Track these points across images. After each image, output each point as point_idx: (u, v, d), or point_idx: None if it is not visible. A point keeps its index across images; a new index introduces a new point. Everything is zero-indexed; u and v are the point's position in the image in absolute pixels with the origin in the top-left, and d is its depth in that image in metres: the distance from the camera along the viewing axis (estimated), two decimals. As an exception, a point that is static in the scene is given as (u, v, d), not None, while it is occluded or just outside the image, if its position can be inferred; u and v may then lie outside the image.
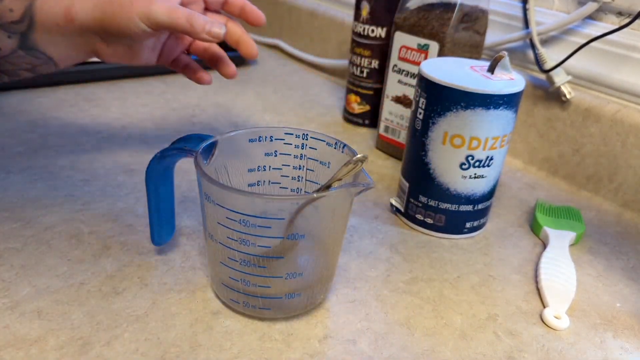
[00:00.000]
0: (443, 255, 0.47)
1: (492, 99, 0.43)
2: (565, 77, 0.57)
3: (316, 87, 0.84)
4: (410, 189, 0.49)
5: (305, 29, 0.93)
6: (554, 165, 0.61)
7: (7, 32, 0.40)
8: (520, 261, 0.47)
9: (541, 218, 0.51)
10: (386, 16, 0.64)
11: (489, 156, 0.46)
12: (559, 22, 0.58)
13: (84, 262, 0.42)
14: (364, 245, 0.47)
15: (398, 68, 0.59)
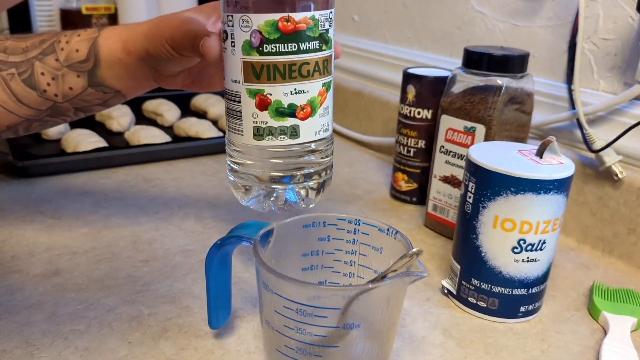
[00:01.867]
0: (498, 340, 0.46)
1: (542, 184, 0.44)
2: (615, 157, 0.57)
3: (363, 164, 0.86)
4: (462, 271, 0.49)
5: (352, 107, 0.96)
6: (609, 245, 0.60)
7: (76, 72, 0.45)
8: (580, 347, 0.46)
9: (599, 302, 0.50)
10: (431, 99, 0.66)
11: (542, 240, 0.46)
12: (607, 102, 0.59)
13: (143, 345, 0.43)
14: (416, 330, 0.47)
15: (445, 149, 0.61)
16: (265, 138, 0.44)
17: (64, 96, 0.45)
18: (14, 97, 0.45)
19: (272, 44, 0.42)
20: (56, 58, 0.44)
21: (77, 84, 0.45)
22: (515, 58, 0.56)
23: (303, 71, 0.43)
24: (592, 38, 0.61)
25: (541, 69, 0.67)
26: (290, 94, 0.43)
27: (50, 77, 0.44)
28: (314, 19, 0.42)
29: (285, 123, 0.44)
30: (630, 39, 0.58)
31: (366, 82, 0.95)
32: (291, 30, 0.42)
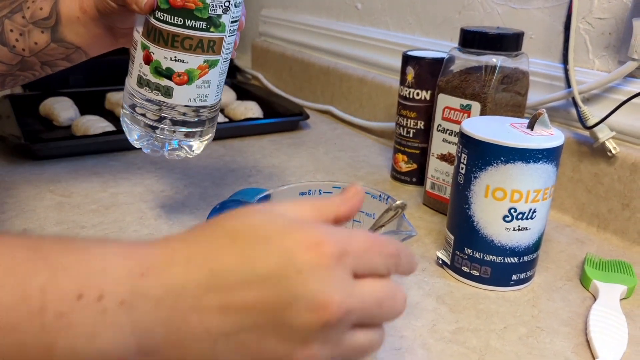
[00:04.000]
0: (490, 306, 0.47)
1: (531, 153, 0.45)
2: (609, 132, 0.59)
3: (365, 148, 0.87)
4: (456, 241, 0.51)
5: (355, 94, 0.98)
6: (604, 221, 0.61)
7: (40, 28, 0.50)
8: (570, 314, 0.47)
9: (590, 271, 0.51)
10: (430, 80, 0.67)
11: (532, 209, 0.47)
12: (600, 80, 0.60)
13: (147, 307, 0.45)
14: (410, 297, 0.48)
15: (442, 127, 0.62)
16: (144, 87, 0.50)
17: (30, 51, 0.51)
18: None
19: (161, 12, 0.47)
20: (23, 15, 0.50)
21: (41, 39, 0.51)
22: (509, 36, 0.58)
23: (185, 44, 0.48)
24: (587, 18, 0.62)
25: (538, 50, 0.69)
26: (170, 59, 0.48)
27: (18, 33, 0.50)
28: (204, 3, 0.46)
29: (161, 82, 0.49)
30: (624, 17, 0.59)
31: (369, 68, 0.96)
32: (179, 6, 0.46)
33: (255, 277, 0.25)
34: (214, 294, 0.24)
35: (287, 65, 1.17)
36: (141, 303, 0.24)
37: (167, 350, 0.25)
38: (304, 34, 1.13)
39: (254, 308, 0.25)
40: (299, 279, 0.25)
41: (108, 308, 0.24)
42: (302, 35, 1.14)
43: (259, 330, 0.25)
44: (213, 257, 0.25)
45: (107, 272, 0.24)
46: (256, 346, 0.25)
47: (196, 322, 0.24)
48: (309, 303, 0.25)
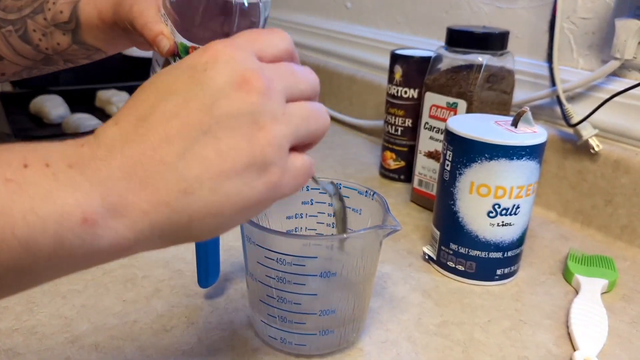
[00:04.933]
0: (474, 300, 0.48)
1: (514, 150, 0.46)
2: (592, 130, 0.60)
3: (355, 146, 0.88)
4: (441, 237, 0.52)
5: (345, 92, 0.98)
6: (588, 217, 0.62)
7: (62, 31, 0.51)
8: (552, 307, 0.48)
9: (573, 266, 0.52)
10: (417, 78, 0.68)
11: (516, 204, 0.48)
12: (584, 79, 0.61)
13: (137, 302, 0.46)
14: (397, 291, 0.49)
15: (429, 125, 0.63)
16: None
17: (53, 50, 0.53)
18: (13, 50, 0.52)
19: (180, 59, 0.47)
20: (44, 17, 0.51)
21: (63, 41, 0.52)
22: (495, 35, 0.59)
23: None
24: (572, 17, 0.64)
25: (524, 49, 0.70)
26: None
27: (41, 33, 0.51)
28: None
29: None
30: (606, 17, 0.60)
31: (359, 67, 0.97)
32: None
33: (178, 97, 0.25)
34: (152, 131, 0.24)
35: (277, 64, 1.17)
36: (90, 162, 0.24)
37: (136, 198, 0.24)
38: (295, 33, 1.14)
39: (192, 121, 0.25)
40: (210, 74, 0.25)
41: (58, 171, 0.23)
42: (292, 33, 1.14)
43: (208, 135, 0.25)
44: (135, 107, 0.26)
45: (49, 146, 0.24)
46: (215, 151, 0.25)
47: (150, 160, 0.24)
48: (231, 85, 0.25)
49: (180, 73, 0.26)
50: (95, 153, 0.24)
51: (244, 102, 0.25)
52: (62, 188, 0.23)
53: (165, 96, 0.25)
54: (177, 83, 0.26)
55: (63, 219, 0.22)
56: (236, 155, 0.25)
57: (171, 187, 0.24)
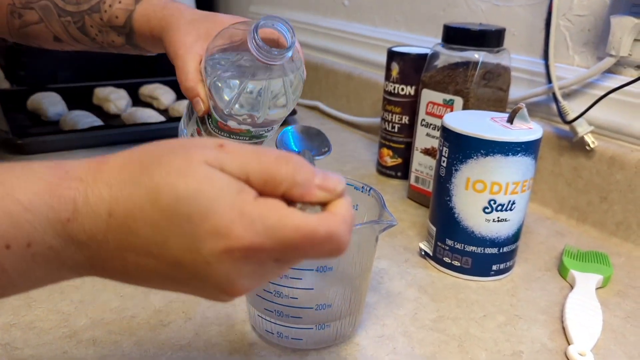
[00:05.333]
0: (470, 296, 0.49)
1: (510, 146, 0.46)
2: (587, 127, 0.60)
3: (352, 143, 0.88)
4: (438, 233, 0.52)
5: (342, 90, 0.99)
6: (583, 213, 0.63)
7: (117, 32, 0.55)
8: (547, 302, 0.48)
9: (568, 262, 0.52)
10: (414, 75, 0.68)
11: (511, 200, 0.48)
12: (580, 76, 0.62)
13: (134, 298, 0.46)
14: (393, 286, 0.49)
15: (426, 122, 0.63)
16: None
17: (108, 45, 0.56)
18: (72, 38, 0.56)
19: (211, 122, 0.51)
20: (101, 17, 0.54)
21: (117, 40, 0.56)
22: (491, 33, 0.59)
23: (232, 138, 0.51)
24: (567, 15, 0.64)
25: (520, 47, 0.70)
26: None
27: (97, 30, 0.55)
28: (249, 131, 0.50)
29: None
30: (602, 14, 0.61)
31: (356, 64, 0.97)
32: (227, 129, 0.50)
33: (167, 255, 0.26)
34: (130, 253, 0.26)
35: (275, 62, 1.17)
36: (67, 246, 0.26)
37: (95, 272, 0.28)
38: (292, 31, 1.14)
39: (166, 275, 0.27)
40: (207, 269, 0.26)
41: (37, 252, 0.26)
42: (290, 31, 1.15)
43: (174, 283, 0.27)
44: (132, 217, 0.26)
45: (34, 222, 0.26)
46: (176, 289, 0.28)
47: (117, 265, 0.27)
48: (216, 288, 0.27)
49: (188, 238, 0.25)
50: (76, 238, 0.26)
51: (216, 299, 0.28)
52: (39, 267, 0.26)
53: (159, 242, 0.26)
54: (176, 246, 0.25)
55: None
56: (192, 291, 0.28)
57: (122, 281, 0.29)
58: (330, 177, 0.27)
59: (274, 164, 0.26)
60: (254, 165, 0.26)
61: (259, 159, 0.26)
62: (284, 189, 0.26)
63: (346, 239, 0.26)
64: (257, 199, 0.26)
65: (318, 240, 0.25)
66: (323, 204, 0.27)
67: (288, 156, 0.27)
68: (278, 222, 0.25)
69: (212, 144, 0.27)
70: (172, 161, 0.26)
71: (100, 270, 0.28)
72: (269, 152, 0.27)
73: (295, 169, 0.26)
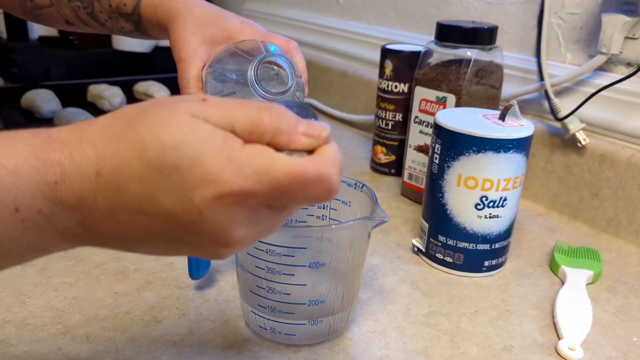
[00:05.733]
0: (462, 291, 0.49)
1: (501, 143, 0.47)
2: (579, 124, 0.60)
3: (346, 140, 0.89)
4: (430, 229, 0.52)
5: (336, 87, 0.99)
6: (575, 210, 0.63)
7: (125, 19, 0.54)
8: (538, 298, 0.49)
9: (559, 257, 0.53)
10: (408, 73, 0.69)
11: (503, 197, 0.49)
12: (572, 73, 0.62)
13: (128, 294, 0.46)
14: (386, 282, 0.50)
15: (419, 119, 0.64)
16: None
17: (118, 31, 0.56)
18: (82, 22, 0.56)
19: None
20: (109, 4, 0.54)
21: (126, 27, 0.55)
22: (483, 30, 0.59)
23: None
24: (559, 13, 0.64)
25: (513, 44, 0.70)
26: None
27: (107, 16, 0.55)
28: None
29: None
30: (593, 12, 0.61)
31: (350, 62, 0.98)
32: None
33: (159, 209, 0.25)
34: (122, 213, 0.26)
35: (269, 59, 1.17)
36: (57, 210, 0.26)
37: (89, 239, 0.27)
38: (286, 28, 1.14)
39: (160, 233, 0.26)
40: (200, 219, 0.25)
41: (26, 217, 0.25)
42: (284, 29, 1.15)
43: (169, 241, 0.27)
44: (120, 173, 0.25)
45: (21, 185, 0.25)
46: (173, 250, 0.28)
47: (110, 227, 0.26)
48: (211, 238, 0.26)
49: (178, 190, 0.25)
50: (65, 202, 0.26)
51: (216, 249, 0.27)
52: (29, 232, 0.26)
53: (149, 197, 0.25)
54: (167, 199, 0.25)
55: None
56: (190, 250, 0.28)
57: (116, 246, 0.28)
58: (315, 124, 0.27)
59: (257, 114, 0.26)
60: (238, 116, 0.26)
61: (243, 110, 0.26)
62: (269, 138, 0.26)
63: (336, 180, 0.26)
64: (244, 146, 0.26)
65: (308, 181, 0.25)
66: (310, 151, 0.27)
67: (271, 105, 0.27)
68: (267, 165, 0.25)
69: (195, 98, 0.27)
70: (156, 114, 0.26)
71: (94, 236, 0.27)
72: (252, 103, 0.27)
73: (279, 117, 0.26)
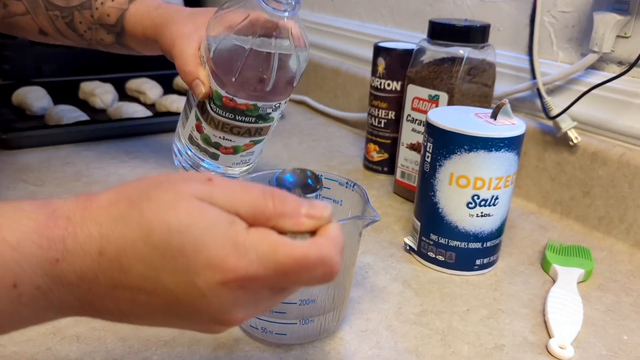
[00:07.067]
0: (454, 290, 0.49)
1: (493, 142, 0.47)
2: (571, 122, 0.61)
3: (339, 138, 0.88)
4: (422, 227, 0.52)
5: (330, 85, 0.99)
6: (567, 208, 0.63)
7: (106, 30, 0.54)
8: (530, 296, 0.49)
9: (551, 256, 0.53)
10: (400, 71, 0.69)
11: (494, 195, 0.49)
12: (564, 72, 0.62)
13: (119, 294, 0.46)
14: (377, 281, 0.50)
15: (412, 118, 0.64)
16: (194, 146, 0.55)
17: (97, 43, 0.56)
18: (59, 32, 0.56)
19: (214, 104, 0.50)
20: (91, 14, 0.54)
21: (107, 39, 0.55)
22: (476, 28, 0.59)
23: (234, 131, 0.52)
24: (552, 11, 0.64)
25: (505, 42, 0.70)
26: (219, 138, 0.52)
27: (87, 27, 0.55)
28: (256, 107, 0.50)
29: (209, 149, 0.54)
30: (586, 11, 0.61)
31: (343, 59, 0.98)
32: (231, 106, 0.49)
33: (162, 289, 0.26)
34: (123, 291, 0.26)
35: (263, 56, 1.17)
36: (56, 287, 0.26)
37: (84, 312, 0.27)
38: (280, 25, 1.13)
39: (160, 310, 0.27)
40: (203, 301, 0.26)
41: (24, 293, 0.25)
42: (277, 26, 1.14)
43: (167, 317, 0.27)
44: (124, 254, 0.26)
45: (21, 261, 0.25)
46: (170, 324, 0.28)
47: (109, 303, 0.27)
48: (211, 319, 0.27)
49: (182, 273, 0.25)
50: (65, 278, 0.26)
51: (211, 330, 0.28)
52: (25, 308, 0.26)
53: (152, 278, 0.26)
54: (171, 280, 0.25)
55: None
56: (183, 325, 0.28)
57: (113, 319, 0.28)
58: (316, 205, 0.28)
59: (262, 199, 0.27)
60: (243, 201, 0.27)
61: (247, 195, 0.27)
62: (273, 222, 0.27)
63: (337, 261, 0.27)
64: (249, 230, 0.26)
65: (310, 264, 0.26)
66: (312, 232, 0.27)
67: (273, 190, 0.28)
68: (270, 249, 0.25)
69: (200, 177, 0.27)
70: (161, 196, 0.26)
71: (91, 310, 0.27)
72: (256, 187, 0.27)
73: (282, 201, 0.27)
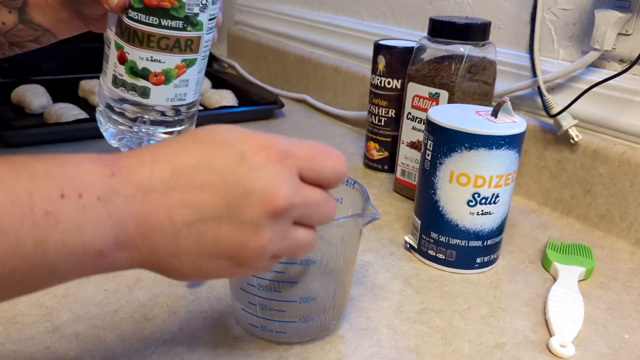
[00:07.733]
0: (454, 288, 0.49)
1: (494, 140, 0.47)
2: (571, 120, 0.60)
3: (339, 137, 0.88)
4: (422, 225, 0.52)
5: (330, 83, 0.98)
6: (567, 206, 0.63)
7: (8, 8, 0.50)
8: (530, 295, 0.49)
9: (552, 254, 0.53)
10: (401, 69, 0.68)
11: (495, 193, 0.49)
12: (564, 70, 0.62)
13: (119, 292, 0.46)
14: (378, 279, 0.50)
15: (412, 116, 0.64)
16: (120, 88, 0.50)
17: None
18: None
19: (135, 12, 0.46)
20: None
21: (9, 20, 0.51)
22: (476, 26, 0.59)
23: (162, 44, 0.47)
24: (553, 9, 0.64)
25: (506, 40, 0.70)
26: (146, 60, 0.48)
27: None
28: (180, 2, 0.46)
29: (137, 82, 0.49)
30: (586, 8, 0.61)
31: (343, 57, 0.97)
32: (154, 5, 0.46)
33: (213, 174, 0.28)
34: (176, 192, 0.28)
35: (262, 54, 1.17)
36: (114, 198, 0.27)
37: (139, 241, 0.28)
38: (280, 23, 1.13)
39: (211, 202, 0.28)
40: (251, 175, 0.28)
41: (87, 204, 0.27)
42: (277, 24, 1.14)
43: (216, 221, 0.29)
44: (176, 157, 0.29)
45: (83, 175, 0.27)
46: (213, 236, 0.29)
47: (162, 214, 0.28)
48: (259, 196, 0.28)
49: (230, 154, 0.29)
50: (122, 189, 0.28)
51: (259, 215, 0.29)
52: (88, 222, 0.27)
53: (204, 166, 0.29)
54: (221, 162, 0.29)
55: (84, 252, 0.27)
56: (226, 247, 0.29)
57: (166, 247, 0.29)
58: None
59: None
60: None
61: None
62: None
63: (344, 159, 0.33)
64: None
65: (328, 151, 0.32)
66: None
67: None
68: (303, 142, 0.31)
69: None
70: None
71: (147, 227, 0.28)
72: None
73: None
